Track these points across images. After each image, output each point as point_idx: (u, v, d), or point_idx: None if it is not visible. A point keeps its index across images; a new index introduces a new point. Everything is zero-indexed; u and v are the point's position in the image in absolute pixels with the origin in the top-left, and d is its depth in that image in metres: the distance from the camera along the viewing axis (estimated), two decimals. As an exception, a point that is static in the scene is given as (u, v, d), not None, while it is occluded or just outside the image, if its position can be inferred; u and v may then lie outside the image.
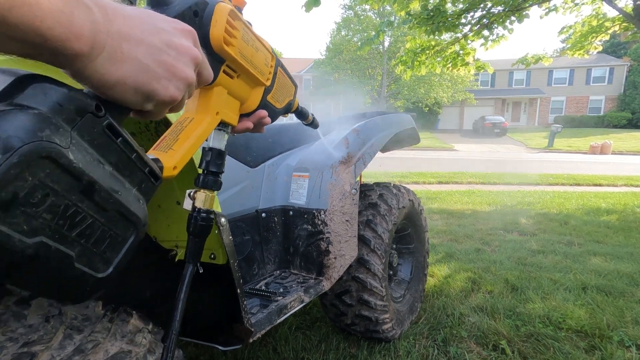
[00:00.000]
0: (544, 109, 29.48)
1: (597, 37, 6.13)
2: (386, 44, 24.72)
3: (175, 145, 0.45)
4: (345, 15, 26.27)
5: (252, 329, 0.89)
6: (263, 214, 1.32)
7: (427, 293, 2.10)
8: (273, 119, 0.63)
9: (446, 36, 5.94)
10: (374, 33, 5.58)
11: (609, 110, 28.17)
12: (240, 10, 0.53)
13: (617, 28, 5.93)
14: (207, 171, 0.53)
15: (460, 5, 5.28)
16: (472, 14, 5.43)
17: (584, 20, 6.21)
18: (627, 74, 27.70)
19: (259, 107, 0.58)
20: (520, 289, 2.20)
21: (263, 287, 1.21)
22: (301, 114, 0.83)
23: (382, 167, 9.18)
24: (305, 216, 1.34)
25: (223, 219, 0.77)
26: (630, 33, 5.96)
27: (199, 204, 0.52)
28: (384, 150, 1.90)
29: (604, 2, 5.48)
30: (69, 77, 0.31)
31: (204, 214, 0.52)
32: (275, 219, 1.36)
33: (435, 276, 2.43)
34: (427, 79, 23.14)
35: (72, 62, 0.28)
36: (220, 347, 0.93)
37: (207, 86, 0.48)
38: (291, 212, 1.36)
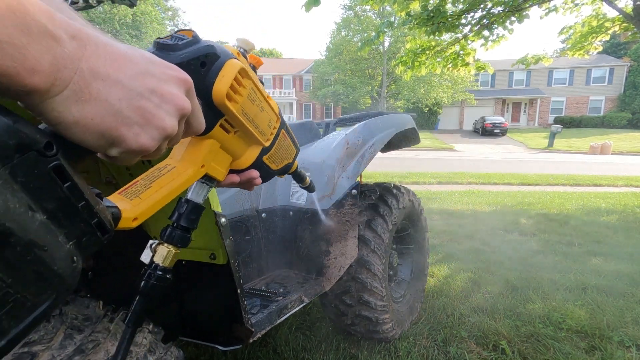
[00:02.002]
0: (544, 109, 29.49)
1: (597, 37, 6.13)
2: (386, 44, 24.73)
3: (145, 193, 0.40)
4: (345, 16, 26.29)
5: (252, 329, 0.89)
6: (263, 214, 1.32)
7: (427, 293, 2.10)
8: (265, 180, 0.58)
9: (446, 36, 5.94)
10: (374, 33, 5.58)
11: (609, 110, 28.17)
12: (254, 69, 0.52)
13: (617, 28, 5.93)
14: (177, 224, 0.47)
15: (461, 6, 5.28)
16: (472, 14, 5.43)
17: (584, 21, 6.22)
18: (627, 74, 27.70)
19: (253, 166, 0.53)
20: (520, 289, 2.20)
21: (263, 287, 1.21)
22: (298, 176, 0.79)
23: (382, 168, 9.18)
24: (306, 216, 1.34)
25: (223, 219, 0.77)
26: (630, 33, 5.96)
27: (157, 259, 0.46)
28: (384, 150, 1.90)
29: (604, 3, 5.48)
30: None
31: (160, 273, 0.46)
32: (276, 219, 1.36)
33: (435, 276, 2.43)
34: (427, 79, 23.15)
35: (26, 97, 0.25)
36: (220, 347, 0.93)
37: (200, 136, 0.45)
38: (291, 213, 1.37)
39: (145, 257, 0.47)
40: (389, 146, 1.95)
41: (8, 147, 0.25)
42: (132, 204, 0.38)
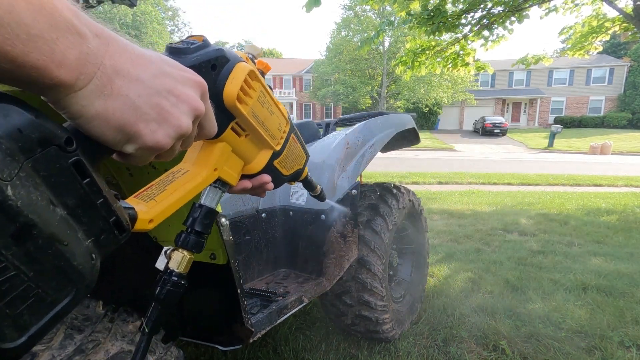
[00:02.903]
0: (544, 109, 29.49)
1: (597, 37, 6.13)
2: (386, 44, 24.74)
3: (160, 196, 0.40)
4: (345, 16, 26.30)
5: (252, 329, 0.89)
6: (263, 214, 1.32)
7: (427, 293, 2.10)
8: (276, 186, 0.58)
9: (446, 36, 5.95)
10: (374, 33, 5.59)
11: (609, 110, 28.18)
12: (263, 74, 0.53)
13: (617, 28, 5.93)
14: (191, 229, 0.48)
15: (461, 6, 5.28)
16: (472, 14, 5.43)
17: (584, 21, 6.22)
18: (627, 74, 27.70)
19: (264, 170, 0.54)
20: (521, 289, 2.20)
21: (263, 287, 1.21)
22: (309, 184, 0.78)
23: (382, 168, 9.18)
24: (306, 216, 1.34)
25: (224, 219, 0.77)
26: (630, 33, 5.96)
27: (172, 265, 0.46)
28: (384, 150, 1.90)
29: (604, 3, 5.48)
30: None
31: (176, 279, 0.46)
32: (276, 219, 1.36)
33: (435, 276, 2.43)
34: (427, 79, 23.15)
35: (52, 90, 0.26)
36: (220, 347, 0.93)
37: (212, 140, 0.45)
38: (291, 213, 1.37)
39: (160, 263, 0.48)
40: (389, 146, 1.95)
41: (31, 141, 0.26)
42: (147, 206, 0.39)
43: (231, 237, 0.80)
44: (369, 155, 1.49)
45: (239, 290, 0.82)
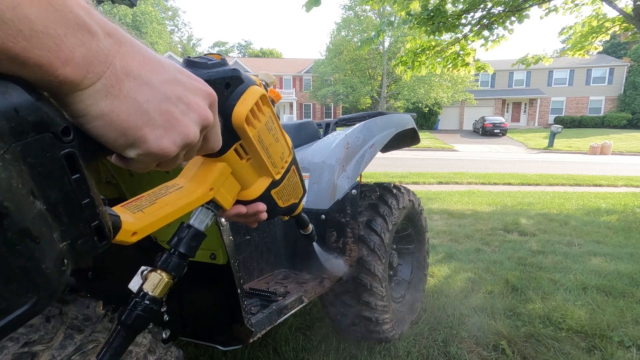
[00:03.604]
0: (544, 109, 29.50)
1: (597, 37, 6.13)
2: (386, 44, 24.74)
3: (149, 209, 0.38)
4: (345, 16, 26.31)
5: (252, 329, 0.89)
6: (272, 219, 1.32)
7: (427, 293, 2.10)
8: (270, 217, 0.56)
9: (446, 36, 5.95)
10: (374, 33, 5.59)
11: (609, 110, 28.19)
12: (273, 102, 0.53)
13: (617, 28, 5.93)
14: (175, 250, 0.45)
15: (461, 6, 5.28)
16: (472, 14, 5.43)
17: (584, 21, 6.21)
18: (627, 74, 27.71)
19: (260, 198, 0.52)
20: (521, 289, 2.20)
21: (263, 287, 1.21)
22: (302, 221, 0.77)
23: (382, 168, 9.18)
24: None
25: (224, 219, 0.77)
26: (630, 33, 5.96)
27: (147, 288, 0.42)
28: (384, 150, 1.90)
29: (604, 3, 5.48)
30: None
31: (148, 303, 0.41)
32: (276, 219, 1.36)
33: (435, 276, 2.43)
34: (427, 79, 23.16)
35: (56, 87, 0.25)
36: (220, 347, 0.93)
37: (212, 158, 0.44)
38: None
39: (134, 284, 0.43)
40: (389, 146, 1.95)
41: (26, 123, 0.24)
42: (134, 217, 0.36)
43: (231, 237, 0.80)
44: (369, 155, 1.49)
45: (239, 290, 0.82)
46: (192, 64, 0.39)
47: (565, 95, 29.01)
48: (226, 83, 0.41)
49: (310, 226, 0.81)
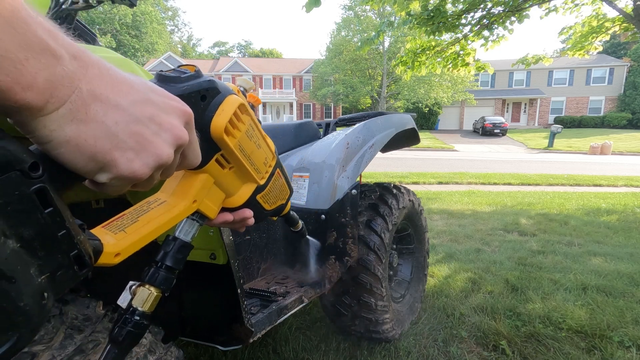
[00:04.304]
0: (544, 109, 29.49)
1: (597, 37, 6.13)
2: (386, 44, 24.75)
3: (130, 227, 0.37)
4: (345, 16, 26.31)
5: (252, 329, 0.89)
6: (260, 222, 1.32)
7: (427, 293, 2.10)
8: (257, 221, 0.56)
9: (446, 36, 5.95)
10: (374, 33, 5.59)
11: (609, 110, 28.19)
12: (253, 107, 0.52)
13: (617, 28, 5.93)
14: (162, 264, 0.44)
15: (461, 6, 5.28)
16: (472, 14, 5.43)
17: (584, 21, 6.22)
18: (627, 74, 27.71)
19: (246, 204, 0.51)
20: (521, 289, 2.20)
21: (263, 287, 1.21)
22: (291, 219, 0.76)
23: (382, 168, 9.18)
24: (305, 216, 1.34)
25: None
26: (630, 33, 5.96)
27: (136, 303, 0.41)
28: (384, 150, 1.90)
29: (604, 3, 5.48)
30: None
31: (138, 318, 0.41)
32: (276, 219, 1.36)
33: (436, 276, 2.43)
34: (427, 79, 23.17)
35: (18, 113, 0.24)
36: (220, 347, 0.93)
37: (194, 170, 0.43)
38: (291, 212, 1.36)
39: (123, 300, 0.43)
40: (389, 146, 1.95)
41: None
42: (116, 238, 0.35)
43: (231, 237, 0.80)
44: (369, 155, 1.49)
45: (239, 290, 0.82)
46: (165, 79, 0.38)
47: (565, 95, 29.01)
48: (202, 95, 0.40)
49: (300, 223, 0.81)
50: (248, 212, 0.52)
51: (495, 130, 23.83)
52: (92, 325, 0.62)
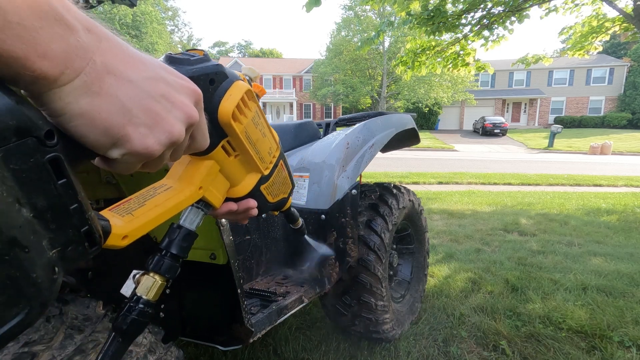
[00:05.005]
0: (544, 109, 29.50)
1: (597, 37, 6.13)
2: (386, 44, 24.75)
3: (138, 211, 0.37)
4: (345, 16, 26.31)
5: (252, 329, 0.89)
6: (263, 214, 1.32)
7: (427, 293, 2.10)
8: (261, 212, 0.56)
9: (446, 36, 5.95)
10: (374, 33, 5.59)
11: (609, 110, 28.19)
12: (258, 97, 0.52)
13: (617, 28, 5.93)
14: (167, 252, 0.44)
15: (461, 6, 5.28)
16: (472, 14, 5.43)
17: (584, 21, 6.22)
18: (627, 74, 27.72)
19: (250, 194, 0.51)
20: (521, 289, 2.20)
21: (263, 287, 1.21)
22: (291, 216, 0.76)
23: (382, 168, 9.18)
24: (305, 216, 1.34)
25: (224, 220, 0.77)
26: (630, 33, 5.96)
27: (141, 291, 0.41)
28: (384, 150, 1.90)
29: (604, 3, 5.48)
30: None
31: (142, 306, 0.40)
32: (276, 219, 1.36)
33: (436, 276, 2.43)
34: (427, 79, 23.17)
35: (33, 83, 0.24)
36: (220, 347, 0.93)
37: (199, 156, 0.44)
38: (291, 209, 1.36)
39: (127, 289, 0.42)
40: (389, 146, 1.95)
41: (7, 128, 0.23)
42: (123, 221, 0.35)
43: (231, 237, 0.80)
44: (369, 155, 1.49)
45: (239, 290, 0.82)
46: (174, 61, 0.38)
47: (565, 95, 29.01)
48: (210, 79, 0.40)
49: (300, 220, 0.81)
50: (252, 202, 0.52)
51: (495, 130, 23.83)
52: (92, 325, 0.62)
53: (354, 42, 24.70)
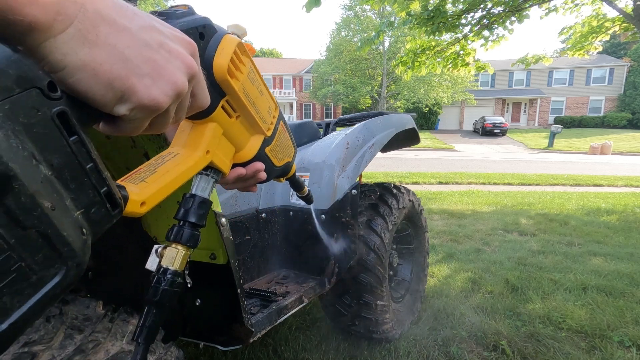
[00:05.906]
0: (544, 109, 29.49)
1: (597, 37, 6.13)
2: (386, 44, 24.75)
3: (151, 178, 0.37)
4: (345, 16, 26.30)
5: (252, 329, 0.89)
6: (263, 214, 1.32)
7: (427, 293, 2.10)
8: (269, 177, 0.55)
9: (446, 37, 5.95)
10: (374, 33, 5.59)
11: (609, 110, 28.19)
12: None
13: (617, 28, 5.93)
14: (184, 222, 0.43)
15: (461, 6, 5.28)
16: (472, 14, 5.43)
17: (584, 21, 6.22)
18: (627, 74, 27.72)
19: (256, 158, 0.50)
20: (520, 289, 2.20)
21: (263, 287, 1.21)
22: (297, 183, 0.75)
23: (382, 168, 9.18)
24: (306, 216, 1.34)
25: (223, 219, 0.77)
26: (630, 33, 5.97)
27: (166, 263, 0.41)
28: (384, 150, 1.90)
29: (604, 3, 5.48)
30: None
31: (171, 277, 0.40)
32: (276, 219, 1.36)
33: (436, 276, 2.43)
34: (427, 79, 23.16)
35: (25, 34, 0.23)
36: (220, 347, 0.93)
37: (201, 120, 0.43)
38: (291, 213, 1.37)
39: (151, 264, 0.42)
40: (389, 146, 1.95)
41: (8, 77, 0.22)
42: (138, 188, 0.35)
43: (231, 237, 0.80)
44: (369, 155, 1.49)
45: (239, 290, 0.82)
46: (160, 15, 0.37)
47: (565, 95, 29.01)
48: (200, 33, 0.38)
49: (307, 188, 0.80)
50: (260, 165, 0.52)
51: (495, 130, 23.83)
52: (92, 325, 0.62)
53: (354, 42, 24.70)
